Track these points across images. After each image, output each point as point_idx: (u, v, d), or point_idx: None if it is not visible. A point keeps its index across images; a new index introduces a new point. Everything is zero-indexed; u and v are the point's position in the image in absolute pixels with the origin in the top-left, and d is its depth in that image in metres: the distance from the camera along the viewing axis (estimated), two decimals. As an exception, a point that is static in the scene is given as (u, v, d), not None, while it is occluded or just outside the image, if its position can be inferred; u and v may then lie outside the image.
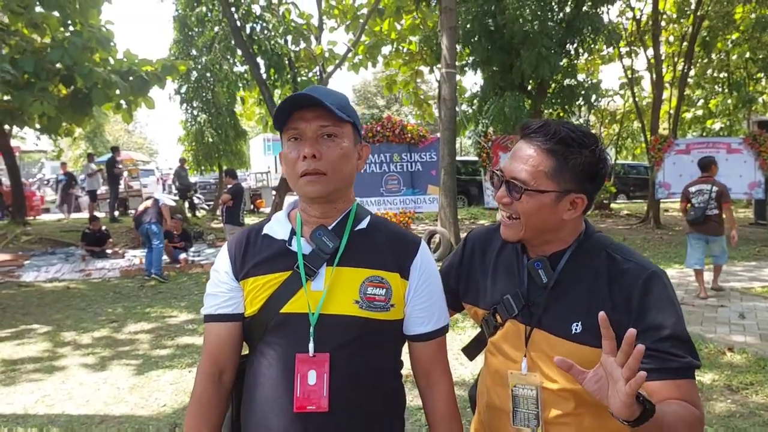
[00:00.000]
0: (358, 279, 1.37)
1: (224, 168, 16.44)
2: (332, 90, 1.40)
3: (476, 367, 1.81)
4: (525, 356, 1.43)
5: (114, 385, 4.93)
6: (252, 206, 20.44)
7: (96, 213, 15.62)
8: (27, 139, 24.98)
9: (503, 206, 1.42)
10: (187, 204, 18.53)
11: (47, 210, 20.61)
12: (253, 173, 26.99)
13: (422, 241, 1.50)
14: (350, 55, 17.22)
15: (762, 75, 19.26)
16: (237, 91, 18.69)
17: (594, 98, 14.71)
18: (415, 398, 1.58)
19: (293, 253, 1.39)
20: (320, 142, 1.34)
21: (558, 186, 1.36)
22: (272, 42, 15.25)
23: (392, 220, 11.23)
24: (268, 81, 15.41)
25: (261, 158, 28.29)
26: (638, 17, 17.34)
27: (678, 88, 17.14)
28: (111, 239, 12.52)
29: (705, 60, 19.15)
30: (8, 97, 12.02)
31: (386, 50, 18.97)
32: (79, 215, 18.83)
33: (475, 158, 15.84)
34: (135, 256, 11.80)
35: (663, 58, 17.44)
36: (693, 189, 7.50)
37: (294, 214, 1.48)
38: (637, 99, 19.13)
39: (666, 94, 18.23)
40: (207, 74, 17.87)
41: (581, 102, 14.76)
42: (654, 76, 16.51)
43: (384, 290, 1.38)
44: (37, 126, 14.10)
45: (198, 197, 20.79)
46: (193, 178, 21.73)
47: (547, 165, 1.35)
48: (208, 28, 17.34)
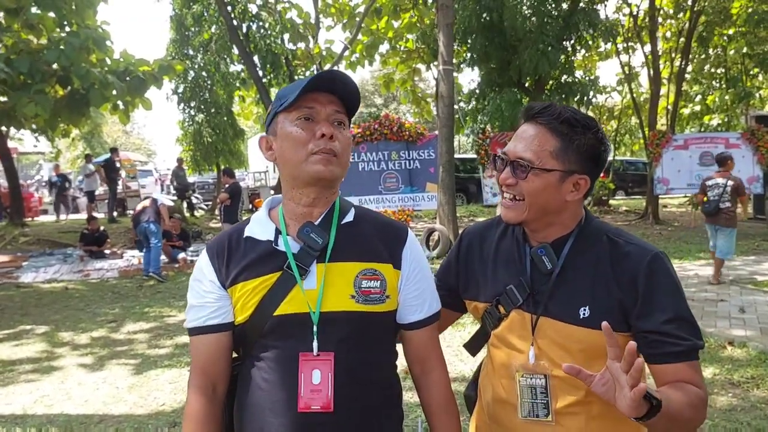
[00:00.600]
0: (352, 273, 1.35)
1: (222, 167, 16.42)
2: (349, 77, 1.37)
3: (476, 364, 1.79)
4: (532, 345, 1.42)
5: (113, 385, 4.91)
6: (250, 205, 20.42)
7: (94, 213, 15.59)
8: (25, 141, 24.95)
9: (507, 187, 1.40)
10: (186, 204, 18.52)
11: (45, 211, 20.59)
12: (252, 172, 26.97)
13: (409, 228, 1.49)
14: (347, 54, 17.21)
15: (759, 70, 19.26)
16: (234, 91, 18.68)
17: (591, 94, 14.68)
18: (415, 395, 1.55)
19: (281, 253, 1.35)
20: (333, 127, 1.34)
21: (563, 166, 1.37)
22: (268, 41, 15.23)
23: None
24: (265, 80, 15.39)
25: (259, 158, 28.25)
26: (635, 13, 17.34)
27: (675, 84, 17.14)
28: (109, 240, 12.50)
29: (702, 55, 19.16)
30: (4, 98, 12.01)
31: (383, 48, 18.96)
32: (77, 216, 18.83)
33: (474, 156, 15.82)
34: (133, 257, 11.79)
35: (660, 54, 17.43)
36: (710, 183, 7.96)
37: (275, 213, 1.43)
38: (635, 95, 19.13)
39: (663, 90, 18.24)
40: (204, 74, 17.85)
41: (579, 98, 14.74)
42: (651, 72, 16.52)
43: (378, 282, 1.36)
44: (33, 127, 14.08)
45: (196, 197, 20.78)
46: (191, 178, 21.72)
47: (553, 144, 1.36)
48: (205, 28, 17.32)
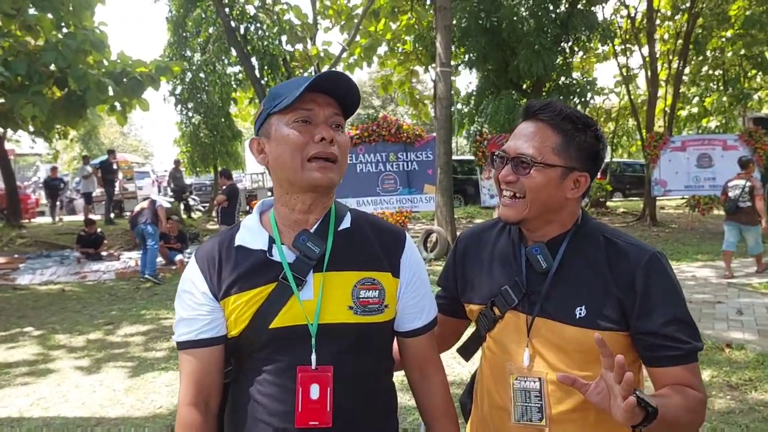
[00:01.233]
0: (350, 283, 1.30)
1: (219, 169, 16.41)
2: (350, 79, 1.31)
3: (474, 367, 1.78)
4: (527, 347, 1.40)
5: (110, 388, 4.90)
6: (247, 207, 20.39)
7: (91, 215, 15.56)
8: (22, 142, 24.92)
9: (507, 185, 1.38)
10: (183, 205, 18.49)
11: (42, 213, 20.53)
12: (249, 174, 26.94)
13: (407, 234, 1.46)
14: (345, 56, 17.20)
15: (756, 72, 19.31)
16: (231, 92, 18.67)
17: (589, 96, 14.71)
18: (412, 398, 1.53)
19: (276, 264, 1.29)
20: (332, 130, 1.29)
21: (564, 162, 1.36)
22: (266, 42, 15.22)
23: (389, 220, 11.21)
24: (263, 81, 15.38)
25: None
26: (633, 15, 17.37)
27: (673, 86, 17.18)
28: (106, 241, 12.47)
29: (700, 57, 19.19)
30: (1, 100, 11.97)
31: (381, 50, 18.96)
32: (74, 218, 18.77)
33: (471, 157, 15.84)
34: (130, 258, 11.76)
35: (657, 56, 17.47)
36: (731, 184, 8.59)
37: (267, 219, 1.36)
38: (633, 97, 19.15)
39: (661, 92, 18.26)
40: (201, 75, 17.83)
41: (576, 100, 14.77)
42: (649, 74, 16.54)
43: (377, 292, 1.32)
44: (31, 129, 14.04)
45: (193, 198, 20.75)
46: (189, 180, 21.69)
47: (554, 141, 1.36)
48: (203, 29, 17.30)
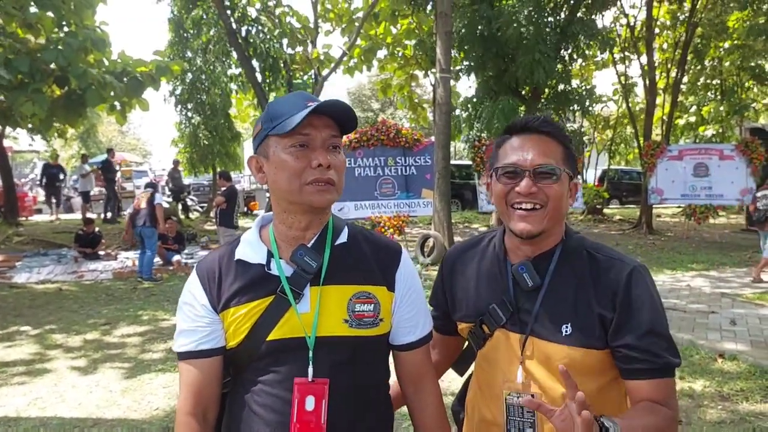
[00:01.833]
0: (345, 297, 1.33)
1: (218, 170, 16.44)
2: (349, 107, 1.33)
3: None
4: (521, 364, 1.42)
5: (106, 388, 4.92)
6: (246, 208, 20.42)
7: (88, 214, 15.56)
8: (20, 139, 24.90)
9: (529, 197, 1.37)
10: (181, 206, 18.50)
11: (39, 210, 20.51)
12: (248, 175, 26.97)
13: (402, 248, 1.48)
14: (345, 59, 17.25)
15: (753, 83, 19.42)
16: (232, 94, 18.71)
17: (588, 104, 14.77)
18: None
19: (274, 277, 1.32)
20: (328, 153, 1.31)
21: (570, 171, 1.42)
22: (267, 45, 15.26)
23: (387, 224, 11.21)
24: (263, 84, 15.42)
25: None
26: (632, 24, 17.46)
27: (671, 95, 17.27)
28: (104, 241, 12.49)
29: (698, 67, 19.30)
30: (1, 98, 11.99)
31: (381, 54, 19.04)
32: (71, 216, 18.75)
33: (470, 162, 15.87)
34: (128, 258, 11.77)
35: (656, 65, 17.56)
36: (759, 194, 9.09)
37: (266, 234, 1.39)
38: (631, 105, 19.24)
39: (659, 101, 18.35)
40: (202, 76, 17.86)
41: (575, 107, 14.82)
42: (647, 83, 16.63)
43: (372, 306, 1.35)
44: (30, 126, 14.05)
45: (191, 199, 20.75)
46: (187, 180, 21.69)
47: (561, 152, 1.42)
48: (204, 31, 17.34)
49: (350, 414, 1.32)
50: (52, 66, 11.76)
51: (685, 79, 19.22)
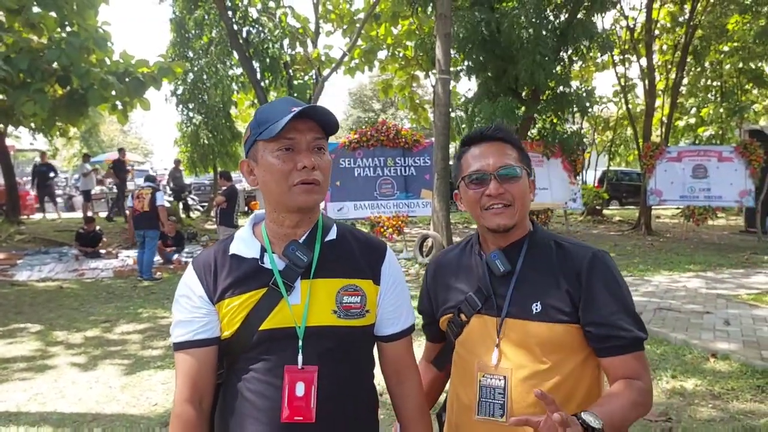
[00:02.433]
0: (334, 289, 1.41)
1: (219, 170, 16.50)
2: (329, 111, 1.40)
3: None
4: (497, 347, 1.50)
5: (106, 384, 4.98)
6: (246, 208, 20.48)
7: (89, 213, 15.63)
8: (22, 138, 24.96)
9: (498, 198, 1.51)
10: (182, 205, 18.57)
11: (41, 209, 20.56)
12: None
13: (387, 246, 1.57)
14: (347, 59, 17.31)
15: (753, 85, 19.46)
16: (233, 94, 18.76)
17: (587, 105, 14.81)
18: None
19: (267, 270, 1.40)
20: (313, 154, 1.37)
21: (527, 168, 1.58)
22: (267, 46, 15.32)
23: (386, 224, 11.23)
24: (263, 84, 15.48)
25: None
26: (632, 26, 17.50)
27: (671, 97, 17.31)
28: (105, 239, 12.56)
29: (698, 69, 19.33)
30: (3, 96, 12.06)
31: (382, 55, 19.10)
32: (73, 215, 18.82)
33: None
34: (128, 257, 11.84)
35: (656, 67, 17.60)
36: None
37: (259, 231, 1.47)
38: (631, 106, 19.27)
39: (659, 102, 18.40)
40: (203, 76, 17.92)
41: (575, 109, 14.86)
42: (647, 85, 16.67)
43: (359, 298, 1.43)
44: (32, 125, 14.12)
45: (192, 198, 20.82)
46: (188, 180, 21.75)
47: (516, 153, 1.57)
48: (206, 31, 17.40)
49: (338, 400, 1.39)
50: (55, 65, 11.83)
51: (685, 81, 19.26)
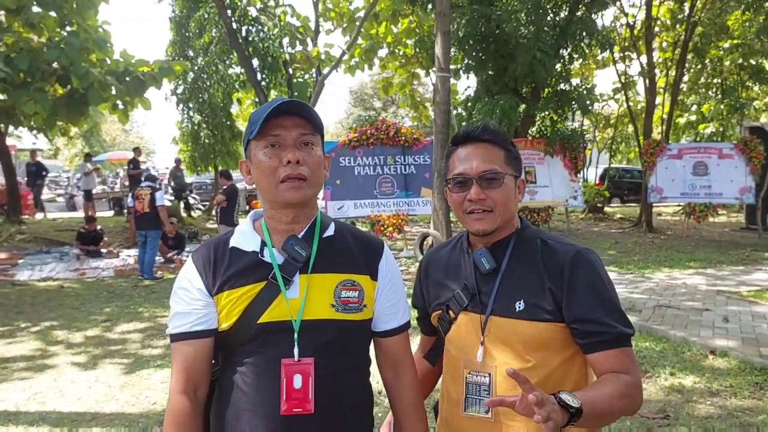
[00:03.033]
0: (332, 284, 1.44)
1: (219, 169, 16.52)
2: (307, 105, 1.44)
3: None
4: (482, 344, 1.51)
5: (105, 383, 4.99)
6: (248, 207, 20.49)
7: (90, 213, 15.64)
8: (23, 138, 24.99)
9: (479, 203, 1.52)
10: (183, 204, 18.59)
11: (43, 208, 20.60)
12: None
13: (384, 243, 1.59)
14: (346, 58, 17.30)
15: (754, 82, 19.41)
16: (233, 93, 18.77)
17: (588, 103, 14.79)
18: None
19: (266, 264, 1.42)
20: (300, 150, 1.40)
21: (513, 171, 1.57)
22: (267, 44, 15.33)
23: (386, 222, 11.23)
24: (263, 83, 15.48)
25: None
26: (632, 23, 17.47)
27: (671, 94, 17.28)
28: (106, 239, 12.58)
29: (698, 66, 19.30)
30: (3, 96, 12.08)
31: (382, 53, 19.08)
32: (75, 214, 18.85)
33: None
34: (129, 256, 11.86)
35: (656, 64, 17.57)
36: None
37: (259, 226, 1.50)
38: (631, 104, 19.23)
39: (659, 99, 18.37)
40: (203, 75, 17.93)
41: (575, 107, 14.85)
42: (647, 82, 16.64)
43: (357, 292, 1.45)
44: (32, 125, 14.13)
45: (194, 197, 20.84)
46: (189, 179, 21.76)
47: (502, 155, 1.56)
48: (205, 30, 17.41)
49: (336, 393, 1.41)
50: (55, 65, 11.84)
51: (686, 78, 19.22)
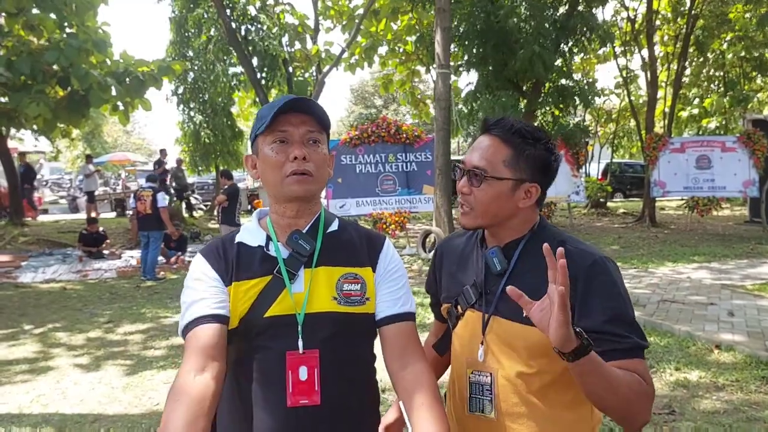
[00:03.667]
0: (334, 277, 1.45)
1: (221, 169, 16.52)
2: (315, 102, 1.46)
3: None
4: (482, 343, 1.49)
5: (108, 385, 4.98)
6: (249, 206, 20.49)
7: (93, 214, 15.65)
8: (25, 140, 24.99)
9: (463, 196, 1.49)
10: (184, 204, 18.60)
11: (45, 211, 20.66)
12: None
13: (386, 237, 1.59)
14: (346, 56, 17.27)
15: (756, 73, 19.33)
16: (233, 92, 18.76)
17: (589, 98, 14.74)
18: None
19: (272, 258, 1.44)
20: (306, 146, 1.42)
21: (514, 174, 1.45)
22: (266, 43, 15.31)
23: (388, 220, 11.20)
24: (263, 81, 15.47)
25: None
26: (633, 17, 17.40)
27: (673, 87, 17.22)
28: (108, 240, 12.58)
29: (700, 59, 19.23)
30: (5, 99, 12.08)
31: (382, 50, 19.04)
32: (77, 216, 18.87)
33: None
34: (131, 257, 11.86)
35: (658, 58, 17.51)
36: None
37: (264, 223, 1.52)
38: (633, 98, 19.18)
39: (661, 93, 18.30)
40: (203, 75, 17.93)
41: (577, 102, 14.81)
42: (649, 76, 16.58)
43: (359, 285, 1.46)
44: (34, 127, 14.15)
45: (195, 197, 20.84)
46: (191, 179, 21.77)
47: (505, 154, 1.46)
48: (205, 30, 17.40)
49: (341, 385, 1.41)
50: (55, 67, 11.84)
51: (688, 72, 19.15)
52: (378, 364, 1.54)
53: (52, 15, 11.97)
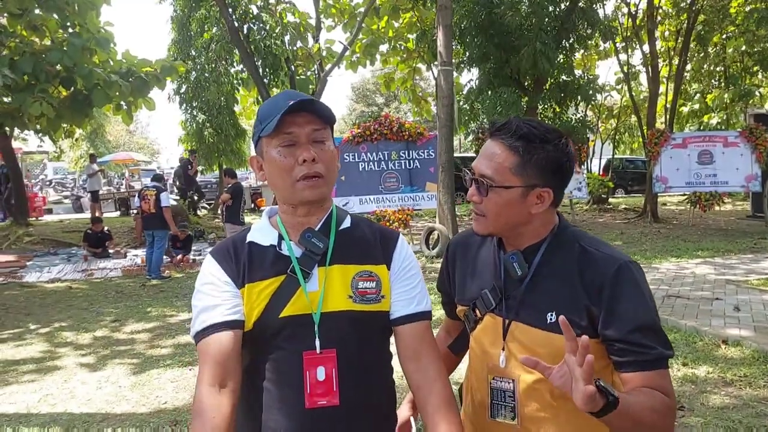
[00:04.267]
0: (349, 275, 1.42)
1: (224, 167, 16.52)
2: (320, 102, 1.42)
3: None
4: (503, 349, 1.46)
5: (115, 384, 5.00)
6: (253, 204, 20.50)
7: (97, 213, 15.67)
8: (29, 141, 25.07)
9: (473, 204, 1.47)
10: (188, 203, 18.61)
11: (50, 211, 20.71)
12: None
13: (400, 234, 1.56)
14: (348, 54, 17.25)
15: (758, 68, 19.30)
16: (235, 91, 18.76)
17: (591, 94, 14.72)
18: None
19: (285, 258, 1.41)
20: (313, 146, 1.38)
21: (522, 181, 1.40)
22: (269, 42, 15.30)
23: (391, 218, 11.20)
24: (265, 80, 15.47)
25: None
26: (634, 13, 17.38)
27: (674, 83, 17.20)
28: (113, 239, 12.60)
29: (701, 54, 19.19)
30: (8, 99, 12.08)
31: (384, 48, 19.02)
32: (81, 215, 18.90)
33: (473, 154, 15.89)
34: (136, 256, 11.88)
35: (659, 53, 17.48)
36: None
37: (275, 221, 1.49)
38: (634, 94, 19.15)
39: (663, 89, 18.27)
40: (206, 74, 17.93)
41: (578, 98, 14.79)
42: (650, 71, 16.56)
43: (374, 283, 1.43)
44: (37, 127, 14.15)
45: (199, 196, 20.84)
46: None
47: (511, 161, 1.39)
48: (207, 29, 17.40)
49: (359, 386, 1.39)
50: (58, 67, 11.84)
51: (689, 67, 19.12)
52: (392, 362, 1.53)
53: (55, 15, 11.96)
